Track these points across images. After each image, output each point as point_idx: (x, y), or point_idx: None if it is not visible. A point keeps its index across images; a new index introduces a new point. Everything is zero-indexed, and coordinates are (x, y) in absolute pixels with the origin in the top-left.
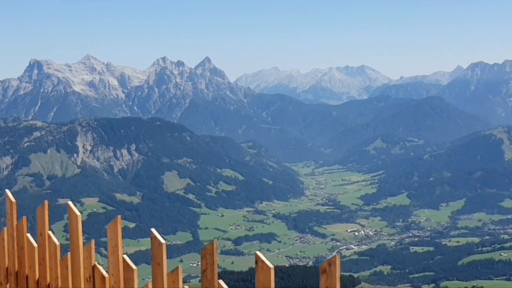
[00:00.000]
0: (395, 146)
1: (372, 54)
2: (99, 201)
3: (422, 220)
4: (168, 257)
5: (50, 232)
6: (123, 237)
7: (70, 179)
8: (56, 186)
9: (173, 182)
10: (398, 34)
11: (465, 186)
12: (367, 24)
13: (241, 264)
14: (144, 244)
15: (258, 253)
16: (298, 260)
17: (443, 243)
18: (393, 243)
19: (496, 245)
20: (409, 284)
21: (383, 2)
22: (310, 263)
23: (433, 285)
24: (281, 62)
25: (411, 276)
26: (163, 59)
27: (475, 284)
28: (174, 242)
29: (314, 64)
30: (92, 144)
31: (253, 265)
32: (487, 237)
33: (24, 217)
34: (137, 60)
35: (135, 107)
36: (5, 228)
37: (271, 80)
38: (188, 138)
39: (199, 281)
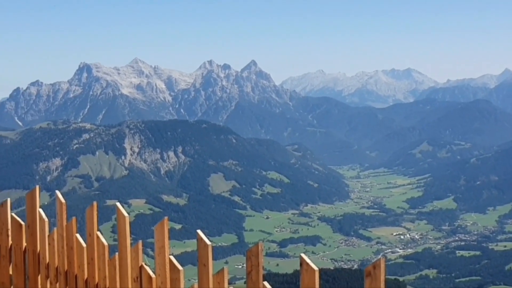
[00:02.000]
0: (442, 150)
1: (418, 57)
2: (146, 203)
3: (468, 224)
4: (214, 258)
5: (98, 233)
6: (169, 238)
7: (118, 180)
8: (104, 187)
9: (218, 184)
10: (444, 37)
11: None
12: (414, 27)
13: (286, 267)
14: (190, 246)
15: (303, 255)
16: (343, 263)
17: (490, 247)
18: (439, 247)
19: None
20: None
21: (429, 6)
22: (355, 266)
23: None
24: (327, 65)
25: (457, 280)
26: (210, 62)
27: None
28: (219, 244)
29: (360, 67)
30: (139, 146)
31: (298, 268)
32: None
33: (74, 218)
34: (184, 63)
35: (181, 110)
36: (55, 229)
37: (316, 83)
38: (234, 141)
39: (244, 282)
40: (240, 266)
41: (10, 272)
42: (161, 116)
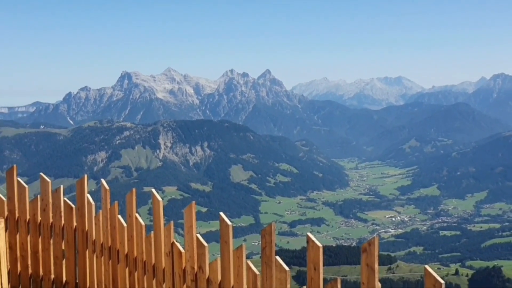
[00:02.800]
0: (427, 145)
1: (408, 66)
2: (177, 189)
3: (450, 208)
4: (234, 236)
5: (137, 215)
6: (196, 219)
7: (154, 170)
8: (142, 176)
9: (238, 174)
10: (430, 49)
11: (488, 179)
12: (404, 41)
13: (295, 244)
14: (214, 226)
15: (309, 234)
16: (343, 240)
17: (468, 228)
18: (425, 227)
19: None
20: (438, 263)
21: (419, 22)
22: (354, 244)
23: (459, 264)
24: (330, 73)
25: (440, 256)
26: (231, 71)
27: (495, 264)
28: (239, 224)
29: (358, 75)
30: (171, 141)
31: (305, 245)
32: (507, 224)
33: (116, 202)
34: (210, 72)
35: (207, 111)
36: (101, 211)
37: (321, 89)
38: (251, 137)
39: (260, 257)
40: (256, 243)
41: (63, 247)
42: (190, 116)
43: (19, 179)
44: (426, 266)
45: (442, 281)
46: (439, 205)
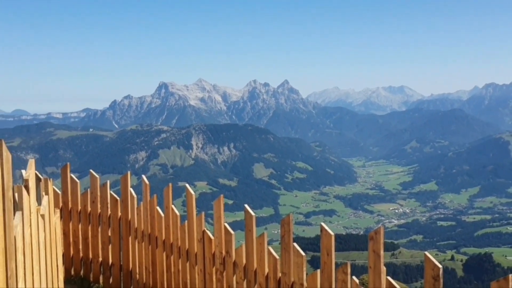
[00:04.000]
0: (426, 146)
1: (409, 76)
2: (207, 184)
3: (446, 202)
4: (256, 225)
5: (173, 206)
6: (224, 210)
7: (187, 168)
8: (176, 173)
9: (260, 171)
10: (429, 62)
11: (480, 176)
12: (406, 55)
13: (310, 232)
14: (239, 216)
15: (323, 224)
16: (352, 229)
17: (462, 219)
18: (424, 218)
19: (503, 221)
20: (436, 250)
21: (418, 40)
22: (361, 232)
23: (454, 250)
24: (341, 82)
25: (438, 243)
26: (254, 81)
27: (487, 250)
28: (260, 215)
29: (365, 84)
30: (202, 143)
31: (319, 233)
32: (497, 215)
33: (155, 195)
34: (235, 81)
35: (233, 116)
36: (142, 203)
37: (333, 96)
38: (272, 139)
39: (279, 243)
40: (276, 232)
41: (109, 234)
42: (218, 121)
43: (71, 175)
44: (426, 253)
45: (440, 265)
46: (437, 199)
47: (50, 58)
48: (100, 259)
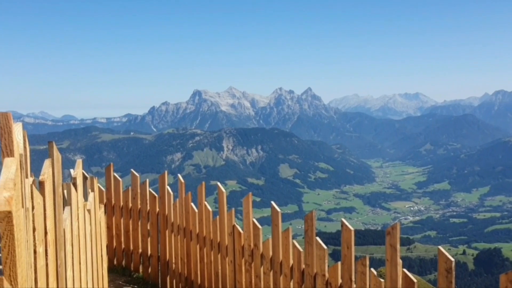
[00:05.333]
0: (440, 148)
1: (424, 84)
2: (237, 183)
3: (458, 200)
4: (282, 221)
5: (205, 203)
6: (252, 207)
7: (218, 168)
8: (209, 172)
9: (285, 171)
10: (442, 70)
11: (490, 176)
12: (421, 64)
13: (331, 228)
14: (266, 212)
15: (343, 220)
16: (370, 225)
17: (473, 216)
18: (437, 215)
19: None
20: (449, 245)
21: (432, 50)
22: (379, 228)
23: (466, 245)
24: (360, 89)
25: (450, 239)
26: (280, 88)
27: (496, 246)
28: (285, 212)
29: (383, 91)
30: (232, 145)
31: (340, 228)
32: (506, 213)
33: (189, 192)
34: (263, 89)
35: (261, 121)
36: (178, 199)
37: (352, 103)
38: (296, 142)
39: (303, 238)
40: (299, 227)
41: (148, 228)
42: (247, 125)
43: (115, 174)
44: (439, 247)
45: (452, 259)
46: (449, 198)
47: (96, 69)
48: (140, 250)
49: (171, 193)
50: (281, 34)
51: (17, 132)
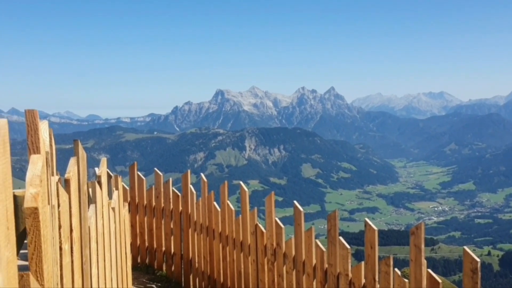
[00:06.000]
0: (465, 148)
1: (449, 82)
2: (259, 182)
3: (484, 201)
4: (304, 220)
5: (228, 202)
6: (275, 206)
7: (241, 167)
8: (231, 172)
9: (308, 171)
10: (468, 69)
11: None
12: (446, 63)
13: (354, 227)
14: (288, 212)
15: (367, 219)
16: (393, 226)
17: (499, 217)
18: (462, 216)
19: None
20: (474, 245)
21: (458, 49)
22: (402, 228)
23: (491, 246)
24: (384, 89)
25: (475, 239)
26: (302, 88)
27: None
28: (308, 211)
29: (407, 90)
30: (255, 144)
31: (363, 228)
32: None
33: (212, 192)
34: (285, 88)
35: (283, 120)
36: (200, 198)
37: (376, 102)
38: (318, 141)
39: (325, 237)
40: (322, 227)
41: (171, 226)
42: (269, 124)
43: (138, 173)
44: (465, 247)
45: (478, 259)
46: (474, 198)
47: (120, 69)
48: (163, 248)
49: (194, 192)
50: (304, 33)
51: (43, 130)
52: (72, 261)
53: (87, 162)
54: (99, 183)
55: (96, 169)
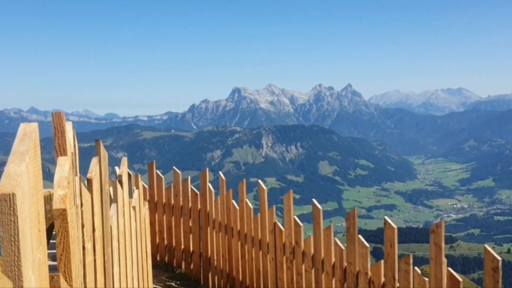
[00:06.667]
0: (484, 144)
1: (467, 79)
2: (276, 180)
3: (503, 198)
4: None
5: (247, 200)
6: (294, 204)
7: (258, 165)
8: (248, 169)
9: (325, 168)
10: (487, 64)
11: None
12: (464, 59)
13: (372, 225)
14: (305, 210)
15: (386, 218)
16: (412, 223)
17: None
18: (481, 213)
19: None
20: (493, 243)
21: (476, 45)
22: (420, 226)
23: (511, 244)
24: (401, 85)
25: (494, 237)
26: (319, 85)
27: None
28: (325, 209)
29: (425, 87)
30: (272, 142)
31: (380, 226)
32: None
33: (230, 190)
34: (302, 86)
35: (300, 118)
36: (219, 197)
37: (393, 98)
38: (336, 139)
39: (343, 235)
40: (339, 225)
41: (190, 224)
42: (286, 122)
43: (157, 171)
44: (486, 245)
45: (499, 258)
46: (494, 195)
47: (138, 68)
48: (182, 246)
49: (213, 190)
50: (321, 30)
51: (68, 131)
52: (94, 260)
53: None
54: (120, 182)
55: (116, 168)
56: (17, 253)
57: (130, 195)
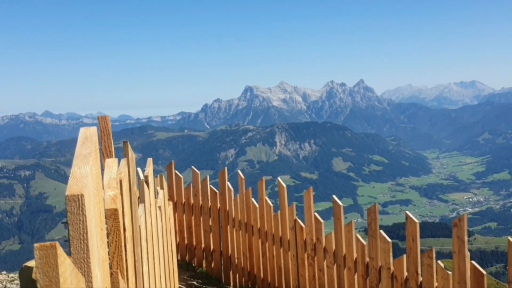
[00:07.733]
0: (499, 137)
1: (480, 71)
2: (290, 178)
3: None
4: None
5: (266, 198)
6: (314, 201)
7: (271, 163)
8: (262, 168)
9: (339, 164)
10: (500, 56)
11: None
12: (477, 51)
13: (387, 221)
14: (321, 206)
15: (408, 212)
16: (428, 218)
17: None
18: (498, 206)
19: None
20: (511, 236)
21: (490, 37)
22: (436, 220)
23: None
24: (414, 79)
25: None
26: (331, 81)
27: None
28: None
29: (437, 80)
30: (285, 140)
31: (396, 221)
32: None
33: (250, 188)
34: (314, 82)
35: (313, 115)
36: (238, 195)
37: (406, 93)
38: (349, 135)
39: (359, 231)
40: (355, 221)
41: (210, 223)
42: (299, 119)
43: (176, 171)
44: (510, 238)
45: None
46: (510, 188)
47: (150, 69)
48: (203, 245)
49: (232, 189)
50: (331, 27)
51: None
52: (126, 260)
53: (136, 163)
54: (147, 183)
55: (138, 169)
56: (86, 250)
57: (155, 196)
